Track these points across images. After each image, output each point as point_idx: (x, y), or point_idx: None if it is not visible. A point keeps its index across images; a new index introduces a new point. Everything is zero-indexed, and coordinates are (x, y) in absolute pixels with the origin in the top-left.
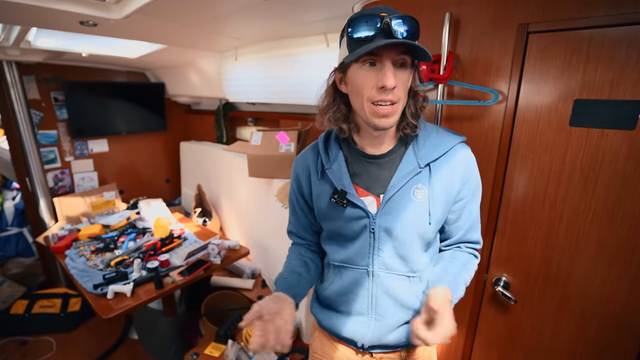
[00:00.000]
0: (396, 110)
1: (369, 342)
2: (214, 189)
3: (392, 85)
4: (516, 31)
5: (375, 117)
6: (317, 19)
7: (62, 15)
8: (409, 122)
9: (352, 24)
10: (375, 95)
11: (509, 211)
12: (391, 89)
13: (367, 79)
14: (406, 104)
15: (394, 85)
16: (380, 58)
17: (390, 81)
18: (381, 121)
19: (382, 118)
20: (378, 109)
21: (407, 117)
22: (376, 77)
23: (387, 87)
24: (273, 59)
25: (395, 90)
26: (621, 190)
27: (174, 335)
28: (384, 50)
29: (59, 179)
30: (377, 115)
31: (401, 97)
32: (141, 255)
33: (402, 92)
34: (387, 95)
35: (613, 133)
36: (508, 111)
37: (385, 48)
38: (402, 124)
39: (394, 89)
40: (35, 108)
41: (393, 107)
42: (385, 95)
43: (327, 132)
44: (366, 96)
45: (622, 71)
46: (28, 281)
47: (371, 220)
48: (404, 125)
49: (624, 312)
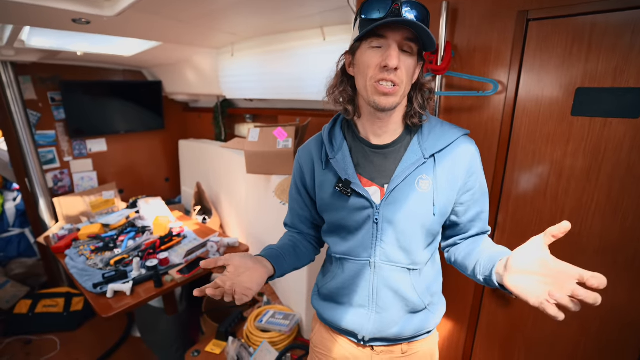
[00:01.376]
0: (397, 92)
1: (370, 334)
2: (213, 186)
3: (395, 64)
4: (515, 19)
5: (377, 94)
6: (313, 12)
7: (54, 13)
8: (416, 111)
9: (364, 5)
10: (378, 73)
11: (509, 204)
12: (393, 69)
13: (372, 58)
14: (414, 95)
15: (397, 65)
16: (387, 41)
17: (393, 61)
18: (381, 99)
19: (382, 96)
20: (379, 86)
21: (415, 107)
22: (381, 57)
23: (390, 67)
24: (270, 54)
25: (398, 72)
26: (625, 180)
27: (176, 332)
28: (390, 33)
29: (58, 179)
30: (378, 92)
31: (404, 80)
32: (140, 254)
33: (405, 75)
34: (390, 75)
35: (617, 122)
36: (508, 102)
37: (392, 30)
38: (409, 112)
39: (397, 71)
40: (33, 108)
41: (395, 88)
42: (388, 75)
43: (331, 122)
44: (370, 75)
45: (626, 58)
46: (31, 281)
47: (375, 211)
48: (411, 114)
49: (628, 306)
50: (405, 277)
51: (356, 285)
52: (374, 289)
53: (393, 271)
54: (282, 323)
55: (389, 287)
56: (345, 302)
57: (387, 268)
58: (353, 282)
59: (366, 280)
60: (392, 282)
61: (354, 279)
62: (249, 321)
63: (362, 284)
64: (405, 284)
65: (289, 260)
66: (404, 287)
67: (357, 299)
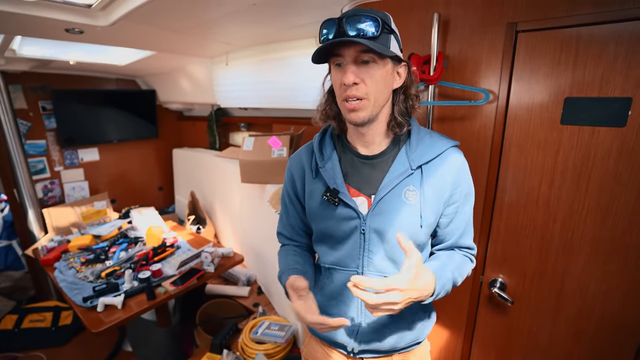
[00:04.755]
0: (365, 106)
1: (359, 346)
2: (207, 195)
3: (350, 81)
4: (505, 30)
5: (347, 112)
6: (307, 21)
7: (47, 23)
8: (397, 120)
9: (321, 27)
10: (343, 92)
11: (502, 212)
12: (350, 85)
13: (335, 79)
14: (394, 100)
15: (352, 80)
16: (344, 58)
17: (347, 78)
18: (351, 115)
19: (351, 112)
20: (346, 104)
21: (395, 114)
22: (342, 76)
23: (345, 84)
24: (264, 63)
25: (360, 86)
26: (614, 188)
27: (169, 346)
28: (344, 50)
29: (48, 189)
30: (347, 110)
31: (369, 92)
32: (133, 266)
33: (371, 86)
34: (351, 91)
35: (604, 130)
36: (499, 110)
37: (345, 47)
38: (391, 122)
39: (358, 85)
40: (23, 118)
41: (360, 103)
42: (350, 92)
43: (321, 132)
44: (338, 93)
45: (611, 68)
46: (17, 295)
47: (362, 221)
48: (392, 124)
49: (622, 312)
50: None
51: (345, 296)
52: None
53: None
54: (278, 334)
55: None
56: (334, 313)
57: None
58: (342, 293)
59: None
60: None
61: (343, 289)
62: (244, 333)
63: (351, 295)
64: None
65: (310, 273)
66: None
67: (346, 310)
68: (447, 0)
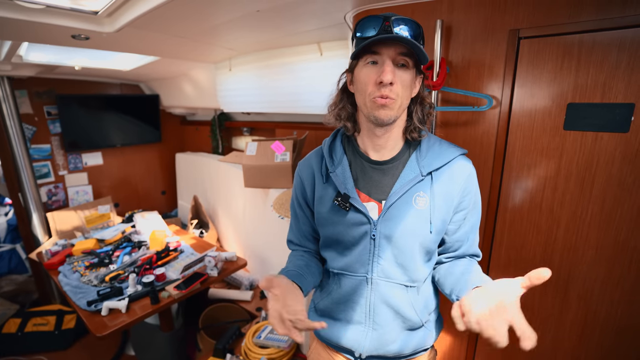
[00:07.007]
0: (394, 105)
1: (367, 352)
2: (210, 200)
3: (389, 79)
4: (507, 37)
5: (375, 108)
6: (310, 28)
7: (53, 30)
8: (415, 126)
9: (358, 24)
10: (375, 91)
11: (506, 217)
12: (388, 84)
13: (368, 76)
14: (414, 109)
15: (391, 79)
16: (381, 57)
17: (387, 76)
18: (380, 112)
19: (380, 109)
20: (377, 99)
21: (414, 122)
22: (376, 74)
23: (384, 82)
24: (267, 69)
25: (394, 87)
26: (617, 193)
27: (172, 350)
28: (384, 49)
29: (52, 193)
30: (376, 105)
31: (400, 94)
32: (136, 270)
33: (401, 90)
34: (386, 90)
35: (607, 136)
36: (502, 116)
37: (385, 46)
38: (409, 127)
39: (393, 86)
40: (28, 122)
41: (391, 101)
42: (384, 91)
43: (331, 136)
44: (368, 91)
45: (613, 74)
46: (21, 298)
47: (372, 227)
48: (411, 129)
49: (627, 316)
50: (403, 294)
51: (353, 301)
52: (370, 305)
53: (390, 288)
54: (281, 339)
55: (386, 304)
56: (341, 318)
57: (384, 284)
58: (350, 298)
59: (363, 296)
60: (390, 298)
61: (351, 294)
62: (247, 337)
63: (359, 300)
64: (403, 301)
65: (309, 278)
66: (402, 304)
67: (353, 316)
68: (450, 6)
